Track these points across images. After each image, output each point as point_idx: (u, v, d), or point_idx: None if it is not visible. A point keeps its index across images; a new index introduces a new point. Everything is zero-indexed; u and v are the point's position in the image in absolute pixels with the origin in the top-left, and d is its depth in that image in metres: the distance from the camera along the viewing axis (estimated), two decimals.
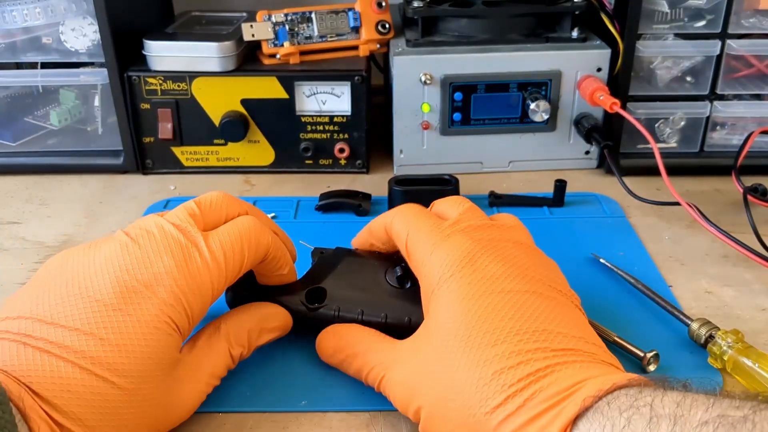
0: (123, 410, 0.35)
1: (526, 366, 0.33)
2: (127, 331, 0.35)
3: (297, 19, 0.70)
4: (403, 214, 0.44)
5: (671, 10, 0.65)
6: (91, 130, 0.73)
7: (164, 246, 0.38)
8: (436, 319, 0.37)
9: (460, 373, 0.34)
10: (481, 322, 0.35)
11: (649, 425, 0.29)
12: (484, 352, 0.34)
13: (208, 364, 0.40)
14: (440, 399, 0.35)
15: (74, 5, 0.66)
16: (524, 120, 0.69)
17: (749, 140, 0.63)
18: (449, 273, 0.38)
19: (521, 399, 0.32)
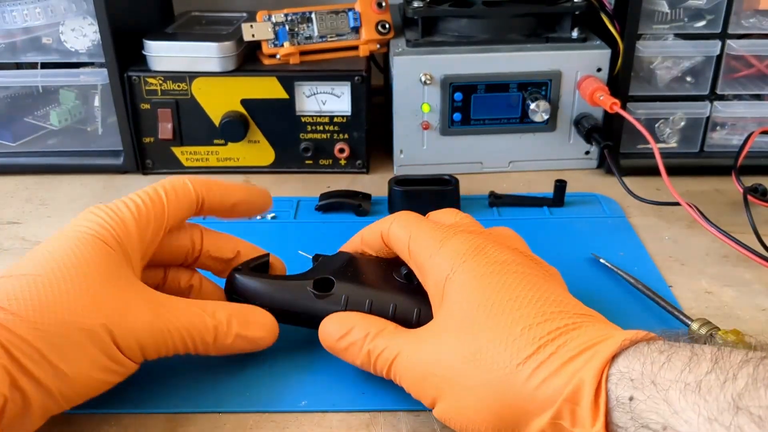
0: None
1: (553, 322, 0.34)
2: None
3: (297, 19, 0.70)
4: (403, 219, 0.44)
5: (671, 10, 0.65)
6: (91, 130, 0.73)
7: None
8: (456, 299, 0.37)
9: (486, 335, 0.34)
10: (503, 292, 0.36)
11: (689, 363, 0.29)
12: (510, 315, 0.35)
13: (171, 304, 0.40)
14: (462, 366, 0.35)
15: (74, 5, 0.66)
16: (524, 120, 0.69)
17: (749, 140, 0.63)
18: (462, 260, 0.38)
19: (554, 347, 0.33)
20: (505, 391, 0.33)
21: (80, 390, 0.37)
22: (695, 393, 0.28)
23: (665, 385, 0.29)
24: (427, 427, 0.40)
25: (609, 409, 0.30)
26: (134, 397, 0.42)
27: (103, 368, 0.37)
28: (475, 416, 0.35)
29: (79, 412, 0.41)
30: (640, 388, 0.29)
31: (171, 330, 0.39)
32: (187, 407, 0.41)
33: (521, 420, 0.33)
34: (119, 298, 0.38)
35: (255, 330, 0.42)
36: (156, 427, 0.40)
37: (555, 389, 0.32)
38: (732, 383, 0.27)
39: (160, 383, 0.43)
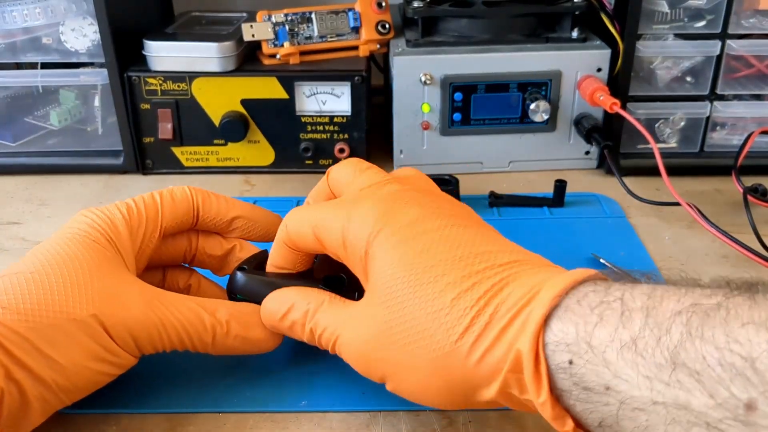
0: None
1: (481, 285, 0.33)
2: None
3: (297, 19, 0.70)
4: (295, 215, 0.41)
5: (671, 10, 0.65)
6: (91, 130, 0.73)
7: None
8: (377, 275, 0.35)
9: (416, 313, 0.33)
10: (421, 259, 0.34)
11: (621, 319, 0.29)
12: (433, 285, 0.33)
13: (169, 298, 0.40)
14: (401, 348, 0.34)
15: (74, 5, 0.66)
16: (524, 120, 0.69)
17: (749, 140, 0.63)
18: (375, 230, 0.36)
19: (486, 316, 0.32)
20: (449, 369, 0.33)
21: (77, 381, 0.37)
22: (632, 351, 0.28)
23: (601, 346, 0.28)
24: (427, 427, 0.40)
25: (551, 374, 0.30)
26: (134, 397, 0.42)
27: (97, 358, 0.37)
28: (425, 392, 0.35)
29: (79, 412, 0.41)
30: (578, 352, 0.29)
31: (165, 323, 0.39)
32: (187, 407, 0.41)
33: (470, 392, 0.33)
34: (109, 290, 0.38)
35: (256, 332, 0.42)
36: (156, 427, 0.40)
37: (496, 361, 0.31)
38: (667, 337, 0.27)
39: (160, 383, 0.43)
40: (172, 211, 0.44)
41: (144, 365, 0.44)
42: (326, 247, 0.39)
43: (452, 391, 0.33)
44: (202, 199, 0.46)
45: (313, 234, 0.39)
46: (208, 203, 0.46)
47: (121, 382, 0.42)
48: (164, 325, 0.39)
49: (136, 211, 0.43)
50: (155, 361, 0.44)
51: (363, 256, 0.36)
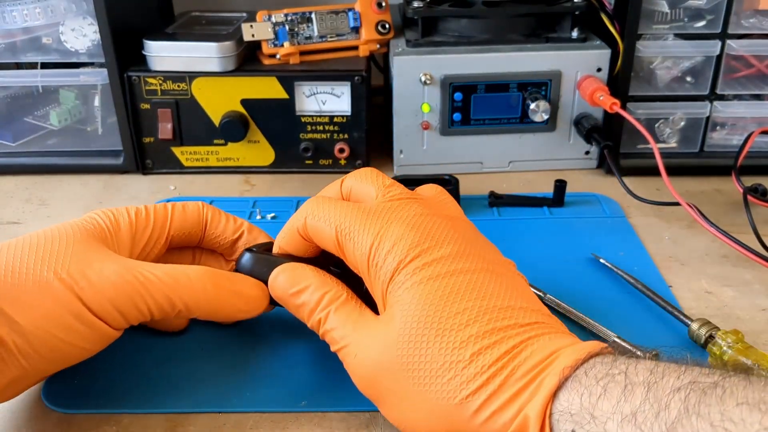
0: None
1: (502, 345, 0.33)
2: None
3: (297, 19, 0.70)
4: (318, 208, 0.40)
5: (671, 10, 0.65)
6: (91, 130, 0.73)
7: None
8: (401, 307, 0.35)
9: (435, 357, 0.34)
10: (449, 303, 0.35)
11: (624, 392, 0.30)
12: (457, 334, 0.34)
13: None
14: (410, 386, 0.34)
15: (74, 5, 0.66)
16: (524, 120, 0.69)
17: (749, 140, 0.63)
18: (407, 259, 0.36)
19: (502, 377, 0.32)
20: (454, 420, 0.33)
21: (41, 349, 0.36)
22: (631, 423, 0.29)
23: (603, 418, 0.30)
24: None
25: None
26: (134, 397, 0.42)
27: (66, 327, 0.36)
28: (421, 430, 0.35)
29: (79, 412, 0.41)
30: (580, 422, 0.30)
31: (146, 283, 0.38)
32: (187, 407, 0.41)
33: None
34: (83, 258, 0.38)
35: (244, 286, 0.42)
36: (156, 427, 0.40)
37: (503, 424, 0.32)
38: (665, 413, 0.28)
39: (160, 383, 0.43)
40: (181, 221, 0.45)
41: (144, 365, 0.44)
42: (346, 256, 0.39)
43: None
44: (211, 215, 0.46)
45: (335, 237, 0.39)
46: (216, 220, 0.46)
47: (122, 382, 0.43)
48: (145, 286, 0.38)
49: (144, 215, 0.43)
50: (155, 361, 0.44)
51: (387, 281, 0.37)
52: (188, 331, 0.47)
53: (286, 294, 0.40)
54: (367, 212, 0.39)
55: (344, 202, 0.40)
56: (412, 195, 0.41)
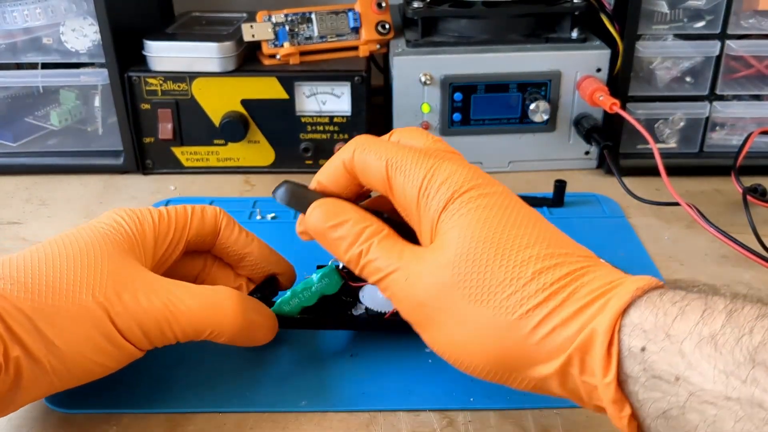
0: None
1: (564, 267, 0.33)
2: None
3: (297, 19, 0.70)
4: (369, 143, 0.39)
5: (671, 10, 0.65)
6: (92, 130, 0.73)
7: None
8: (459, 228, 0.34)
9: (495, 273, 0.33)
10: (508, 227, 0.34)
11: (702, 316, 0.28)
12: (519, 254, 0.33)
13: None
14: (466, 305, 0.33)
15: (74, 6, 0.67)
16: (524, 120, 0.69)
17: (749, 141, 0.63)
18: (464, 188, 0.35)
19: (565, 293, 0.32)
20: (511, 337, 0.32)
21: (72, 367, 0.36)
22: (710, 346, 0.28)
23: (679, 337, 0.28)
24: (427, 427, 0.40)
25: (620, 358, 0.30)
26: (134, 397, 0.42)
27: (97, 348, 0.37)
28: (471, 354, 0.34)
29: (79, 412, 0.41)
30: (653, 339, 0.29)
31: (174, 311, 0.38)
32: (187, 407, 0.41)
33: (522, 366, 0.32)
34: (119, 279, 0.38)
35: (260, 316, 0.42)
36: (156, 427, 0.40)
37: (565, 338, 0.31)
38: (748, 337, 0.27)
39: (160, 383, 0.43)
40: (199, 226, 0.44)
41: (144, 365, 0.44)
42: (393, 190, 0.37)
43: (502, 361, 0.33)
44: (225, 223, 0.46)
45: (384, 169, 0.37)
46: (229, 229, 0.46)
47: (122, 382, 0.43)
48: (174, 315, 0.38)
49: (167, 219, 0.43)
50: (155, 361, 0.44)
51: (440, 210, 0.35)
52: None
53: (323, 227, 0.38)
54: (419, 151, 0.38)
55: (395, 143, 0.39)
56: (457, 153, 0.40)
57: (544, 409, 0.41)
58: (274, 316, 0.43)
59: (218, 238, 0.46)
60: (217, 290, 0.41)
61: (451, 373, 0.43)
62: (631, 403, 0.30)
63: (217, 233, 0.46)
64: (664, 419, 0.29)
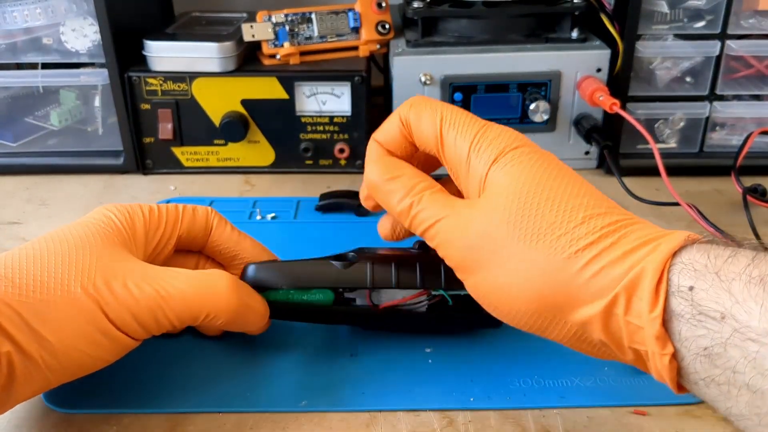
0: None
1: (613, 216, 0.34)
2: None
3: (297, 19, 0.70)
4: (425, 100, 0.41)
5: (671, 10, 0.65)
6: (92, 130, 0.73)
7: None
8: (508, 182, 0.36)
9: (545, 217, 0.34)
10: (559, 180, 0.36)
11: (753, 260, 0.29)
12: (569, 201, 0.34)
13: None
14: (515, 244, 0.34)
15: (74, 6, 0.67)
16: (524, 120, 0.69)
17: (749, 141, 0.63)
18: (514, 144, 0.37)
19: (615, 237, 0.33)
20: (559, 276, 0.33)
21: (65, 361, 0.36)
22: (759, 287, 0.28)
23: (729, 277, 0.29)
24: (427, 427, 0.40)
25: (667, 296, 0.30)
26: (134, 397, 0.42)
27: (90, 340, 0.36)
28: (516, 296, 0.34)
29: (79, 412, 0.41)
30: (702, 278, 0.30)
31: (165, 296, 0.38)
32: (187, 407, 0.41)
33: (567, 306, 0.33)
34: (109, 269, 0.38)
35: (254, 301, 0.42)
36: (156, 427, 0.40)
37: (613, 278, 0.32)
38: None
39: (160, 383, 0.43)
40: (190, 223, 0.45)
41: (144, 365, 0.44)
42: (445, 143, 0.39)
43: (546, 301, 0.33)
44: (217, 222, 0.46)
45: (438, 124, 0.39)
46: (221, 228, 0.46)
47: (122, 382, 0.43)
48: (166, 300, 0.38)
49: (158, 214, 0.43)
50: (155, 361, 0.45)
51: (490, 163, 0.37)
52: (188, 331, 0.47)
53: (380, 180, 0.40)
54: (468, 113, 0.40)
55: (449, 104, 0.41)
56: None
57: (544, 409, 0.41)
58: (266, 304, 0.43)
59: (210, 236, 0.46)
60: (210, 273, 0.41)
61: (451, 373, 0.44)
62: (673, 342, 0.30)
63: (209, 231, 0.46)
64: (705, 356, 0.29)
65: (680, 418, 0.40)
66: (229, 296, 0.40)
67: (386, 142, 0.42)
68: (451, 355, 0.45)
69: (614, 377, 0.43)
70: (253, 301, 0.42)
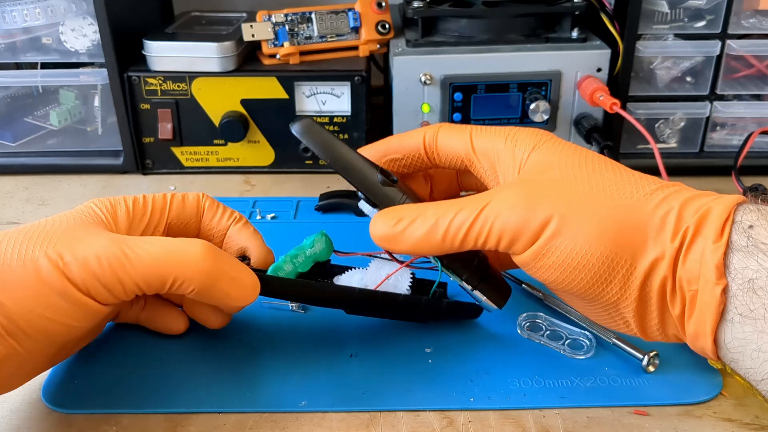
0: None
1: (663, 182, 0.37)
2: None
3: (297, 19, 0.70)
4: (451, 125, 0.44)
5: (671, 10, 0.65)
6: (91, 130, 0.73)
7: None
8: (553, 152, 0.39)
9: (605, 175, 0.37)
10: (600, 157, 0.39)
11: None
12: (618, 168, 0.38)
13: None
14: (582, 198, 0.36)
15: (74, 5, 0.66)
16: (524, 120, 0.69)
17: (749, 141, 0.63)
18: (542, 140, 0.40)
19: (677, 188, 0.36)
20: (636, 214, 0.35)
21: (29, 330, 0.35)
22: None
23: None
24: (427, 427, 0.40)
25: (731, 231, 0.34)
26: (134, 397, 0.42)
27: (51, 305, 0.35)
28: (595, 242, 0.35)
29: (79, 412, 0.41)
30: (763, 220, 0.34)
31: (131, 256, 0.36)
32: (187, 407, 0.41)
33: (641, 246, 0.35)
34: (74, 235, 0.37)
35: (236, 269, 0.39)
36: (156, 427, 0.40)
37: (684, 216, 0.35)
38: None
39: (160, 383, 0.43)
40: (179, 209, 0.44)
41: (144, 365, 0.44)
42: (476, 148, 0.41)
43: (625, 242, 0.35)
44: (208, 205, 0.46)
45: (468, 137, 0.42)
46: (211, 212, 0.46)
47: (122, 382, 0.43)
48: (131, 260, 0.36)
49: (142, 203, 0.43)
50: (155, 361, 0.44)
51: (529, 150, 0.39)
52: (188, 331, 0.47)
53: (395, 231, 0.40)
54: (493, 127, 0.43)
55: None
56: None
57: (544, 409, 0.41)
58: (254, 276, 0.40)
59: (201, 221, 0.45)
60: (186, 240, 0.39)
61: (451, 373, 0.44)
62: (726, 276, 0.33)
63: (200, 216, 0.45)
64: (750, 288, 0.33)
65: (680, 418, 0.40)
66: (201, 260, 0.37)
67: (396, 150, 0.43)
68: (451, 355, 0.45)
69: (614, 377, 0.43)
70: (235, 270, 0.39)
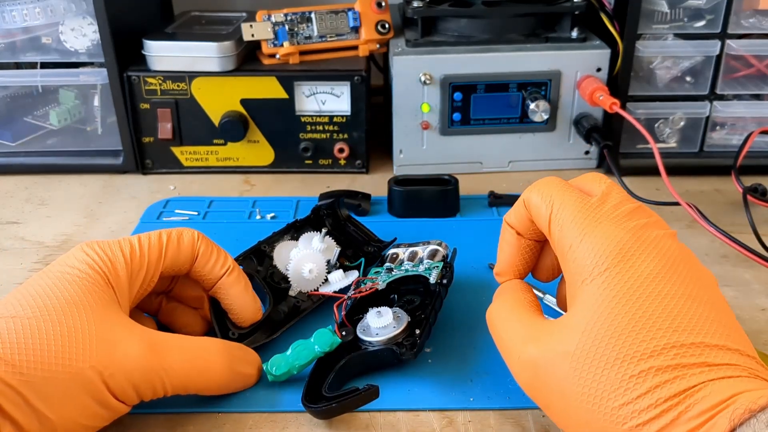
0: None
1: (683, 381, 0.32)
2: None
3: (297, 19, 0.70)
4: (545, 186, 0.41)
5: (671, 10, 0.65)
6: (91, 130, 0.73)
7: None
8: (586, 316, 0.35)
9: (611, 381, 0.33)
10: (637, 331, 0.34)
11: None
12: (639, 363, 0.33)
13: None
14: (580, 401, 0.34)
15: (74, 5, 0.66)
16: (524, 120, 0.69)
17: (749, 140, 0.63)
18: (604, 266, 0.35)
19: (675, 413, 0.31)
20: None
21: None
22: None
23: None
24: (427, 427, 0.40)
25: None
26: None
27: (89, 413, 0.36)
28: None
29: None
30: None
31: (167, 369, 0.38)
32: (187, 407, 0.41)
33: None
34: (109, 338, 0.37)
35: (246, 366, 0.43)
36: (156, 427, 0.40)
37: None
38: None
39: None
40: (174, 256, 0.43)
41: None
42: (552, 236, 0.39)
43: None
44: (203, 249, 0.44)
45: (548, 216, 0.39)
46: (205, 258, 0.44)
47: None
48: (167, 372, 0.38)
49: (139, 254, 0.42)
50: None
51: (580, 282, 0.36)
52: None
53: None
54: (584, 203, 0.39)
55: (570, 188, 0.40)
56: (632, 201, 0.40)
57: None
58: (259, 361, 0.43)
59: (194, 265, 0.44)
60: (207, 347, 0.41)
61: (451, 373, 0.44)
62: None
63: (194, 261, 0.44)
64: None
65: None
66: (221, 375, 0.41)
67: (515, 224, 0.43)
68: (451, 355, 0.45)
69: None
70: (247, 367, 0.43)
